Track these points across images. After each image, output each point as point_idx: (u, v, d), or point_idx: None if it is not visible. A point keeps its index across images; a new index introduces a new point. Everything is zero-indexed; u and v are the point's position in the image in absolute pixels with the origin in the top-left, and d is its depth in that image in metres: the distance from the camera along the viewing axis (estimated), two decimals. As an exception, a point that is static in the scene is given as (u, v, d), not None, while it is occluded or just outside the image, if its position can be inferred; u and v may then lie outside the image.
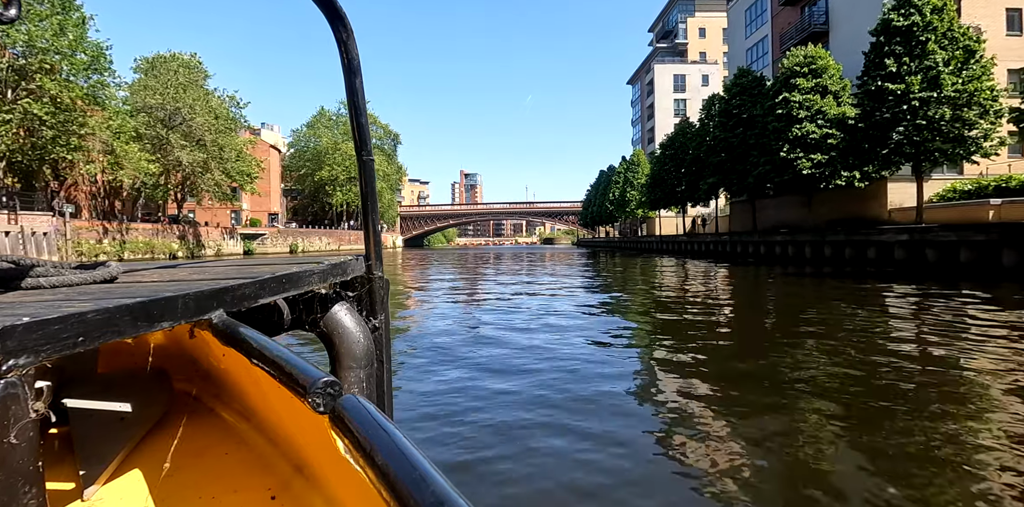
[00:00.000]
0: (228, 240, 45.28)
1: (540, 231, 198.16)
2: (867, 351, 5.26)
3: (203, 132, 35.85)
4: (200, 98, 36.69)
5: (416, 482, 0.48)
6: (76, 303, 0.70)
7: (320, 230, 60.73)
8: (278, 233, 50.82)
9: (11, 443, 0.55)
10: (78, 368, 1.17)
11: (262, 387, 0.89)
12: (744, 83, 27.79)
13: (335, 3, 1.13)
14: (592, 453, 2.89)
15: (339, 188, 68.19)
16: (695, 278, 15.43)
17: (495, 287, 14.03)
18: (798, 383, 4.21)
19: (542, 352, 5.44)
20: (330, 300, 1.16)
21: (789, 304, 9.53)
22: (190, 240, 39.34)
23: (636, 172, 52.87)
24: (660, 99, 59.54)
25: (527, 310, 8.94)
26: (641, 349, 5.88)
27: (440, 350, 5.60)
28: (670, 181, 39.62)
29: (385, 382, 1.28)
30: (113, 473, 0.98)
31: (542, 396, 3.91)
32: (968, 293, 9.85)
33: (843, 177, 21.51)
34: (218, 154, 38.03)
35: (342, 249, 63.13)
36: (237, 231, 46.74)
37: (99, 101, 29.38)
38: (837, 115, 21.57)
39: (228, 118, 39.94)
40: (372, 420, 0.59)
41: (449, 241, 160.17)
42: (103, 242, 30.84)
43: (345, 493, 0.75)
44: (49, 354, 0.57)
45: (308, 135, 70.43)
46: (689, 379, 4.51)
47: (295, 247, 52.78)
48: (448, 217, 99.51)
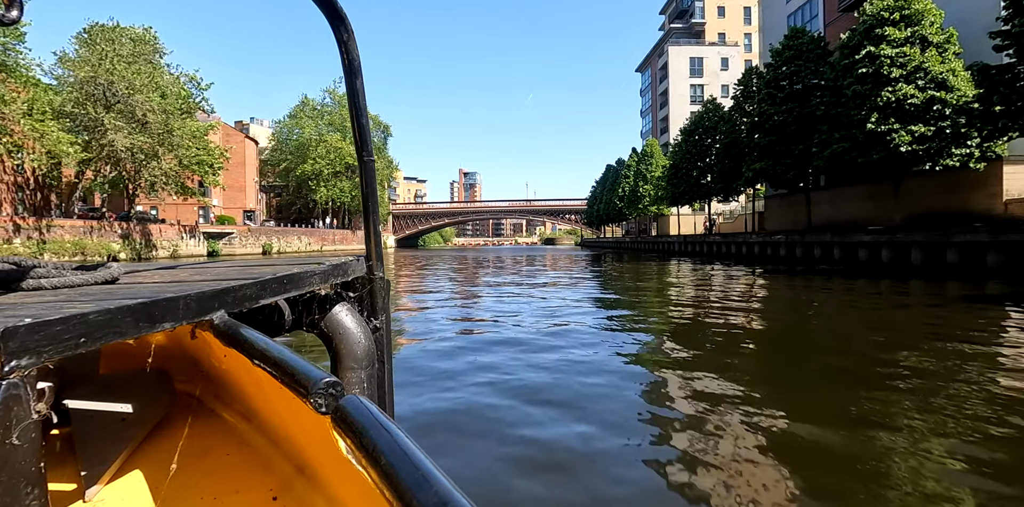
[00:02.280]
0: (188, 240, 39.74)
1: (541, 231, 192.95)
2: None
3: (145, 112, 30.26)
4: (145, 73, 31.17)
5: (419, 482, 0.48)
6: (78, 304, 0.71)
7: (299, 229, 55.15)
8: (248, 232, 45.24)
9: (13, 444, 0.56)
10: (80, 369, 1.16)
11: (264, 388, 0.89)
12: (799, 45, 22.24)
13: (336, 4, 1.14)
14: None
15: (323, 183, 62.69)
16: (797, 304, 9.89)
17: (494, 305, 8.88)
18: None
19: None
20: (331, 301, 1.16)
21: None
22: (136, 239, 33.81)
23: (650, 164, 47.31)
24: (675, 85, 53.99)
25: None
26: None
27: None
28: (693, 172, 34.13)
29: (386, 383, 1.29)
30: (115, 474, 0.98)
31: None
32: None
33: (956, 156, 15.97)
34: (167, 139, 32.44)
35: (325, 250, 57.51)
36: (199, 229, 41.19)
37: (7, 68, 23.96)
38: (941, 74, 16.06)
39: (180, 97, 34.35)
40: (374, 420, 0.59)
41: (446, 241, 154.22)
42: (13, 242, 25.36)
43: (347, 493, 0.76)
44: (51, 355, 0.58)
45: (291, 126, 64.82)
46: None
47: (269, 248, 47.19)
48: (444, 215, 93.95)
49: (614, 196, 56.68)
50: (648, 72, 64.21)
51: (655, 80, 60.55)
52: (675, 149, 36.37)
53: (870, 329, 6.68)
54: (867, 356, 5.02)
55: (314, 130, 63.44)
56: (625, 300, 10.50)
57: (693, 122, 34.32)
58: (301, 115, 64.86)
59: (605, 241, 66.99)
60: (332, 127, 65.26)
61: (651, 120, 63.18)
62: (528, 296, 10.85)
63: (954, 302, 9.07)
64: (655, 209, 47.38)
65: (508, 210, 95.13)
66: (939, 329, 6.55)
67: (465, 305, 9.81)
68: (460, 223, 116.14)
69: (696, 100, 53.81)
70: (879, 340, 5.86)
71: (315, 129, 63.42)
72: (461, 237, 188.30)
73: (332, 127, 65.26)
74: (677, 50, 53.87)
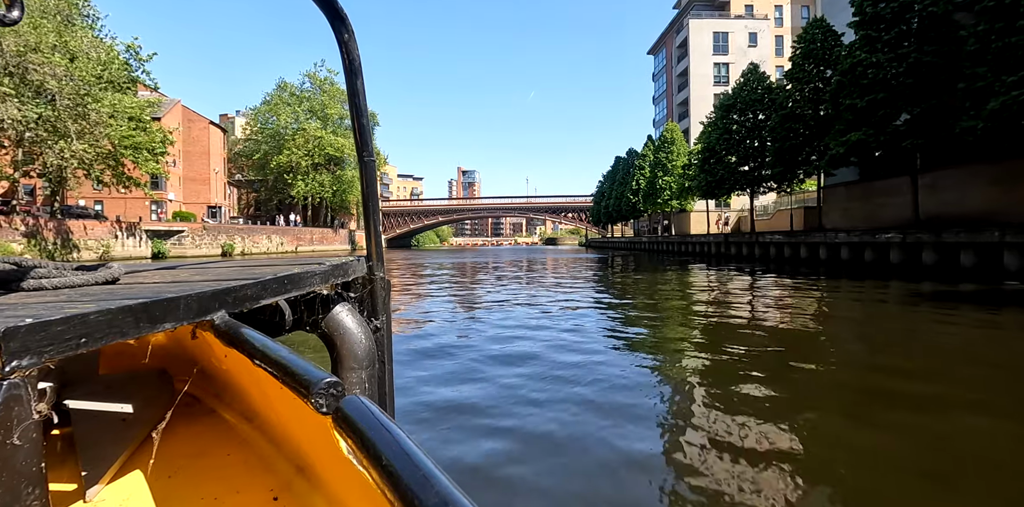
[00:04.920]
0: (125, 239, 33.34)
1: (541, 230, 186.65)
2: None
3: (45, 77, 23.83)
4: (51, 30, 24.77)
5: (420, 482, 0.48)
6: (79, 304, 0.71)
7: (269, 227, 48.68)
8: (203, 230, 38.75)
9: (14, 444, 0.56)
10: (80, 369, 1.16)
11: (264, 388, 0.89)
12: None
13: (336, 4, 1.14)
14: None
15: (301, 177, 56.18)
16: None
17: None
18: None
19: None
20: (332, 301, 1.16)
21: None
22: (47, 239, 27.44)
23: (670, 152, 40.84)
24: (696, 63, 47.46)
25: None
26: None
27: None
28: (732, 157, 27.73)
29: (387, 383, 1.28)
30: (115, 474, 0.98)
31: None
32: None
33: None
34: (81, 114, 26.03)
35: (301, 251, 51.01)
36: (140, 227, 34.76)
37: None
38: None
39: (104, 64, 27.90)
40: (375, 420, 0.59)
41: (443, 241, 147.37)
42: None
43: (347, 494, 0.75)
44: (52, 355, 0.58)
45: (265, 112, 58.22)
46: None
47: (229, 249, 40.70)
48: (438, 213, 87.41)
49: (626, 190, 50.21)
50: (662, 53, 57.67)
51: (670, 61, 54.03)
52: (708, 129, 29.92)
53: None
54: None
55: (291, 117, 56.88)
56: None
57: (732, 95, 27.88)
58: (279, 102, 58.34)
59: (615, 241, 60.25)
60: (313, 114, 58.76)
61: (666, 106, 56.68)
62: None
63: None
64: (676, 204, 40.89)
65: (507, 207, 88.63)
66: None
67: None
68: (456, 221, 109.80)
69: (721, 80, 47.32)
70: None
71: (292, 116, 56.85)
72: (459, 237, 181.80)
73: (313, 114, 58.76)
74: (699, 24, 47.34)
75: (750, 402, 3.60)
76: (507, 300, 10.02)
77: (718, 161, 28.73)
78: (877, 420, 3.29)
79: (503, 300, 10.03)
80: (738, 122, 27.39)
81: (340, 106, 60.29)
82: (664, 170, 40.87)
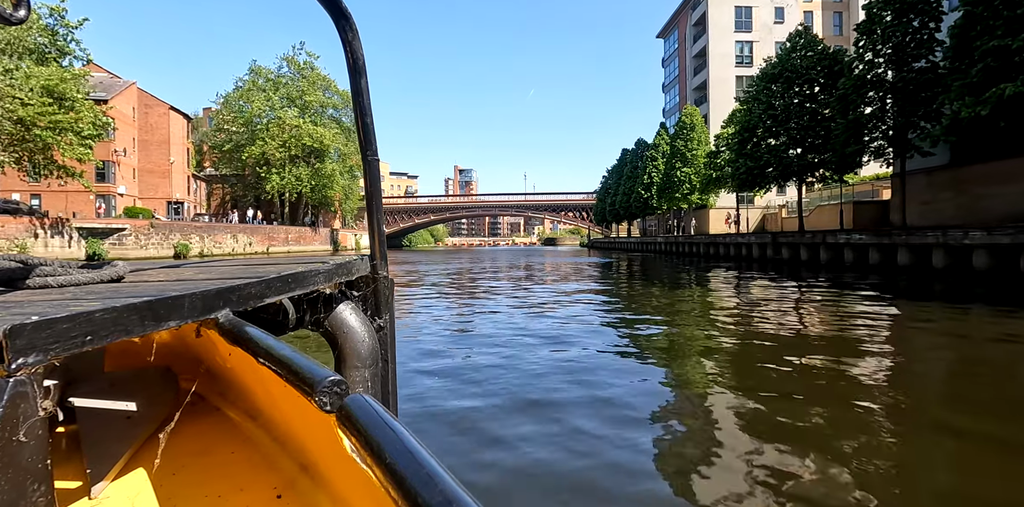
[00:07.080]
0: (48, 238, 28.01)
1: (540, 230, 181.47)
2: None
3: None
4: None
5: (424, 481, 0.48)
6: (84, 302, 0.72)
7: (238, 225, 43.32)
8: (151, 228, 33.40)
9: (20, 441, 0.56)
10: (85, 367, 1.15)
11: (268, 386, 0.89)
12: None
13: (340, 3, 1.13)
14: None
15: (276, 170, 50.80)
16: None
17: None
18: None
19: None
20: (335, 300, 1.17)
21: None
22: (-69, 238, 22.14)
23: (690, 139, 35.67)
24: (716, 42, 42.27)
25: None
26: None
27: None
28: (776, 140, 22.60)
29: (390, 381, 1.28)
30: (120, 471, 0.98)
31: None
32: None
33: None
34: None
35: (273, 252, 45.71)
36: (71, 224, 29.43)
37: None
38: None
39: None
40: (379, 419, 0.59)
41: (438, 241, 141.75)
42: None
43: (351, 492, 0.76)
44: (58, 353, 0.58)
45: (237, 99, 52.72)
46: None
47: (184, 249, 35.32)
48: (431, 211, 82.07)
49: (636, 185, 45.06)
50: (674, 35, 52.47)
51: (685, 42, 48.85)
52: (746, 105, 24.76)
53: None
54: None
55: (265, 104, 51.44)
56: None
57: (778, 62, 22.74)
58: (252, 87, 52.89)
59: (621, 242, 55.00)
60: (290, 101, 53.36)
61: (678, 93, 51.49)
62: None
63: None
64: (696, 198, 35.71)
65: (504, 205, 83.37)
66: None
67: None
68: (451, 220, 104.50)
69: (744, 61, 42.14)
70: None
71: (266, 103, 51.41)
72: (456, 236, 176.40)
73: (290, 101, 53.36)
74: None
75: None
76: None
77: (756, 144, 23.61)
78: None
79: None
80: (788, 95, 22.25)
81: (321, 93, 54.96)
82: (683, 160, 35.69)
